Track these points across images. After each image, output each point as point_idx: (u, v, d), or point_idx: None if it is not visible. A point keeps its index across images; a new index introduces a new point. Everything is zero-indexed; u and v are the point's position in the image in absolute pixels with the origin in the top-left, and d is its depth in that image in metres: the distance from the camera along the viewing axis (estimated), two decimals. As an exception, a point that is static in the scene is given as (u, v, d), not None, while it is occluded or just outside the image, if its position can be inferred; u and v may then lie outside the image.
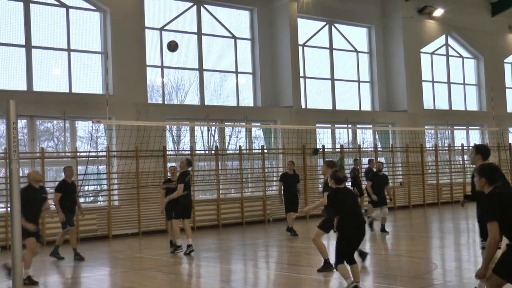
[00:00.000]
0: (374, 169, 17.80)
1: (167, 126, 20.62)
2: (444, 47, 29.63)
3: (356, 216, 9.03)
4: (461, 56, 30.39)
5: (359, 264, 9.88)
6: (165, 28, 21.24)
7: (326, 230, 11.30)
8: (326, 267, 11.02)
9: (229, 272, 12.27)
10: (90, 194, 19.85)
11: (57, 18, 19.04)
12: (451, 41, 29.89)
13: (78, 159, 18.22)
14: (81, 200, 18.51)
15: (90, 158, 17.64)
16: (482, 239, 8.34)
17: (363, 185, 19.48)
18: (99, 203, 19.47)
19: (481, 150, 8.59)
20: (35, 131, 18.35)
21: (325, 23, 25.53)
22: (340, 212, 8.91)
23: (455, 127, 28.72)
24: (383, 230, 16.69)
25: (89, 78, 19.49)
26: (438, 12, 28.00)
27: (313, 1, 23.80)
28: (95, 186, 19.97)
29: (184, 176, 13.75)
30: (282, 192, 17.19)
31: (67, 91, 18.96)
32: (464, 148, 28.28)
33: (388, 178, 17.74)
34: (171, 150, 20.78)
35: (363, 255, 11.68)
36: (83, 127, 19.58)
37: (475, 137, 29.64)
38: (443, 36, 29.37)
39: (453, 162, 28.13)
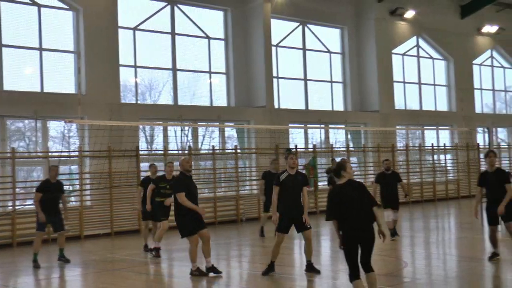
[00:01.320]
0: (382, 168, 15.96)
1: (140, 126, 20.42)
2: (415, 48, 29.83)
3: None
4: (431, 57, 30.61)
5: None
6: (138, 27, 21.04)
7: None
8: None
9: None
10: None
11: (29, 17, 18.75)
12: (422, 43, 30.09)
13: (49, 159, 17.93)
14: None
15: (62, 158, 17.41)
16: None
17: None
18: (71, 203, 19.16)
19: None
20: (6, 131, 18.03)
21: (298, 23, 25.52)
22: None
23: (425, 127, 28.92)
24: (393, 234, 14.87)
25: (62, 78, 19.21)
26: (410, 14, 28.17)
27: (287, 2, 23.78)
28: (67, 186, 19.66)
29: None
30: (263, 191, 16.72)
31: (39, 90, 18.66)
32: (434, 148, 28.50)
33: (399, 176, 15.82)
34: (144, 150, 20.60)
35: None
36: (55, 127, 19.28)
37: (444, 137, 29.89)
38: (414, 38, 29.56)
39: (424, 162, 28.32)
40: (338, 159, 23.09)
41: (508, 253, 12.56)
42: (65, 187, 19.30)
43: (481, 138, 30.71)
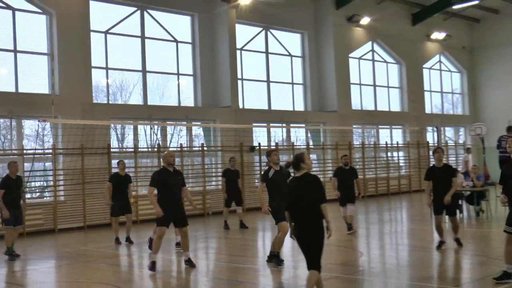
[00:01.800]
0: (341, 164, 15.55)
1: (112, 125, 20.29)
2: (370, 52, 30.15)
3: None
4: (385, 61, 30.98)
5: None
6: (109, 31, 20.89)
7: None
8: None
9: (170, 262, 12.16)
10: (37, 190, 19.37)
11: (3, 20, 18.44)
12: (376, 47, 30.43)
13: (24, 156, 17.72)
14: (28, 196, 18.05)
15: (36, 156, 17.22)
16: None
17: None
18: (45, 198, 18.99)
19: None
20: (-18, 129, 17.76)
21: (261, 28, 25.61)
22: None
23: (380, 127, 29.27)
24: (349, 228, 14.63)
25: (36, 79, 18.94)
26: (365, 20, 28.47)
27: (251, 8, 23.82)
28: (42, 182, 19.47)
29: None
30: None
31: (14, 90, 18.40)
32: (388, 145, 28.87)
33: (356, 172, 15.39)
34: (115, 148, 20.47)
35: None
36: (30, 125, 19.06)
37: (397, 136, 30.31)
38: (369, 43, 29.88)
39: (378, 159, 28.67)
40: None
41: (454, 243, 12.85)
42: (38, 183, 19.36)
43: (430, 137, 31.24)
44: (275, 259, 10.76)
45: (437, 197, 11.57)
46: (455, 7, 31.10)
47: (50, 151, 18.31)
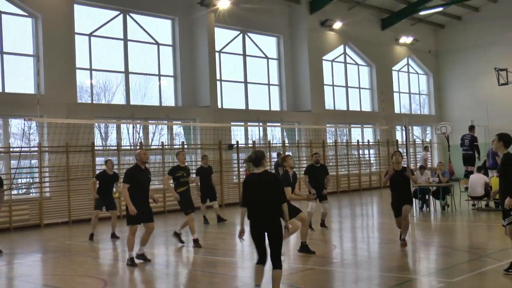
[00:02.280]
0: (312, 162, 15.03)
1: (96, 124, 20.11)
2: (343, 55, 30.29)
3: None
4: (356, 63, 31.15)
5: None
6: (93, 34, 20.70)
7: None
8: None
9: (152, 255, 12.09)
10: (23, 187, 19.14)
11: (-10, 23, 18.19)
12: (348, 51, 30.58)
13: (11, 154, 17.50)
14: (14, 192, 17.85)
15: (22, 153, 17.01)
16: None
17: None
18: (31, 194, 18.77)
19: (503, 138, 8.43)
20: (-31, 128, 17.48)
21: (239, 32, 25.58)
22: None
23: (352, 126, 29.41)
24: (322, 225, 14.43)
25: (22, 79, 18.68)
26: (337, 25, 28.58)
27: (229, 13, 23.78)
28: (28, 179, 19.24)
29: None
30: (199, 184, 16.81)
31: (1, 90, 18.15)
32: (360, 143, 29.03)
33: (327, 170, 14.89)
34: (99, 146, 20.30)
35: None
36: (16, 124, 18.82)
37: (368, 134, 30.51)
38: (342, 46, 30.02)
39: (350, 156, 28.81)
40: (288, 153, 23.34)
41: (421, 235, 12.98)
42: (25, 180, 19.13)
43: (399, 135, 31.48)
44: (305, 249, 10.93)
45: (394, 200, 11.20)
46: (421, 13, 31.45)
47: (36, 149, 18.09)
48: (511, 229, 8.31)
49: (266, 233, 7.19)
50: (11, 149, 17.64)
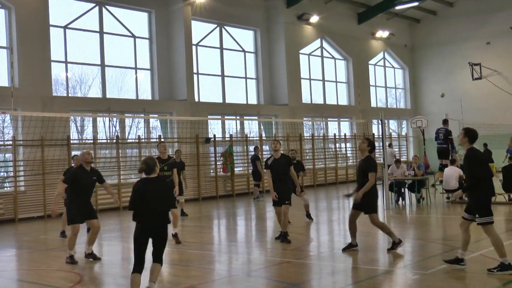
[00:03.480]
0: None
1: (71, 117, 19.91)
2: (319, 49, 30.37)
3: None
4: (333, 57, 31.26)
5: None
6: (68, 26, 20.46)
7: None
8: None
9: (129, 250, 12.01)
10: (-3, 181, 18.89)
11: (-37, 14, 17.88)
12: (325, 44, 30.67)
13: (-16, 147, 17.25)
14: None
15: (-4, 147, 16.77)
16: None
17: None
18: (5, 188, 18.53)
19: (469, 133, 8.45)
20: None
21: (216, 25, 25.49)
22: None
23: (329, 119, 29.53)
24: (308, 216, 14.86)
25: (-5, 72, 18.44)
26: (314, 19, 28.65)
27: (206, 6, 23.69)
28: (2, 173, 18.98)
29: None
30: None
31: (-27, 83, 17.89)
32: (336, 137, 29.18)
33: (303, 165, 15.71)
34: (75, 139, 20.11)
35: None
36: (-11, 117, 18.54)
37: (345, 128, 30.67)
38: (319, 40, 30.10)
39: (327, 150, 28.94)
40: (251, 147, 23.27)
41: (397, 228, 13.10)
42: (0, 174, 18.87)
43: (375, 129, 31.72)
44: (282, 237, 11.40)
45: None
46: (397, 7, 31.69)
47: (10, 142, 17.86)
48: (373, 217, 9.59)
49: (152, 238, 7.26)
50: (-16, 143, 17.40)
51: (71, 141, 19.21)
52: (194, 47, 23.99)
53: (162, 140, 13.45)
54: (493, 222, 8.25)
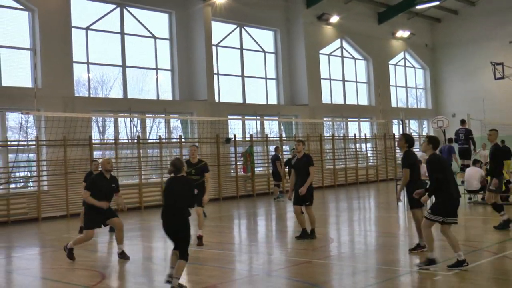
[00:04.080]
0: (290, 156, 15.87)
1: (93, 118, 20.06)
2: (339, 49, 30.25)
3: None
4: (353, 57, 31.11)
5: None
6: (90, 27, 20.62)
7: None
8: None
9: (150, 249, 12.10)
10: (21, 180, 19.07)
11: (-13, 16, 18.12)
12: (345, 45, 30.54)
13: (8, 147, 17.47)
14: (12, 185, 17.80)
15: (20, 147, 16.97)
16: None
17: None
18: (29, 188, 18.73)
19: (432, 141, 8.84)
20: (-33, 122, 17.44)
21: (236, 26, 25.51)
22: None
23: (349, 119, 29.40)
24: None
25: (19, 73, 18.63)
26: (334, 19, 28.54)
27: (226, 6, 23.73)
28: (25, 173, 19.19)
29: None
30: None
31: (-3, 84, 18.12)
32: (356, 137, 29.04)
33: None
34: (97, 140, 20.26)
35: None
36: (14, 118, 18.77)
37: (365, 128, 30.51)
38: (338, 40, 29.98)
39: (347, 150, 28.81)
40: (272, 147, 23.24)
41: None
42: (22, 174, 19.08)
43: (396, 129, 31.50)
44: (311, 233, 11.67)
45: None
46: (418, 7, 31.44)
47: (34, 142, 18.05)
48: (415, 212, 9.49)
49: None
50: (8, 143, 17.63)
51: (93, 141, 19.36)
52: (214, 48, 24.04)
53: (196, 144, 13.11)
54: (452, 223, 8.59)
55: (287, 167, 15.29)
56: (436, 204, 8.64)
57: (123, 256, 10.58)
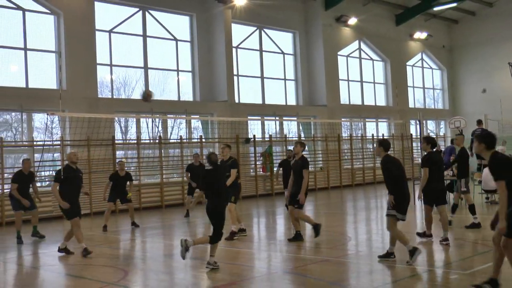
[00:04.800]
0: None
1: (116, 118, 20.24)
2: (357, 51, 30.14)
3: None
4: (371, 59, 30.98)
5: None
6: (113, 30, 20.80)
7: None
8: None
9: (171, 247, 12.17)
10: (46, 179, 19.29)
11: (15, 20, 18.37)
12: (363, 46, 30.42)
13: (34, 147, 17.69)
14: (38, 184, 17.98)
15: (45, 147, 17.15)
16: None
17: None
18: (54, 187, 18.90)
19: (383, 144, 9.35)
20: (-6, 122, 17.70)
21: (255, 28, 25.55)
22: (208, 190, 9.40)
23: (366, 120, 29.29)
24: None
25: (44, 75, 18.86)
26: (352, 21, 28.45)
27: (245, 9, 23.77)
28: (50, 172, 19.40)
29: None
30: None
31: (24, 86, 18.33)
32: (374, 137, 28.91)
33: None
34: (119, 140, 20.42)
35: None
36: (39, 119, 19.00)
37: (383, 128, 30.35)
38: (357, 42, 29.87)
39: (365, 150, 28.70)
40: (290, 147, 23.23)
41: (436, 228, 12.89)
42: (48, 173, 19.30)
43: (413, 129, 31.27)
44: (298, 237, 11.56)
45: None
46: (435, 9, 31.21)
47: (58, 142, 18.21)
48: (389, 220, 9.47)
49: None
50: (34, 143, 17.83)
51: (116, 141, 19.51)
52: (234, 50, 24.10)
53: (227, 144, 13.25)
54: (400, 220, 9.28)
55: (281, 168, 15.17)
56: (394, 200, 9.31)
57: (66, 251, 11.23)
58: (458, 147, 13.77)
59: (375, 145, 10.13)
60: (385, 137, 29.42)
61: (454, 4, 30.88)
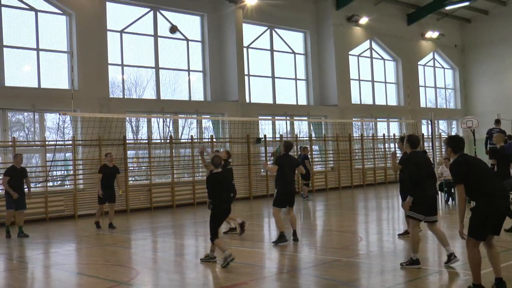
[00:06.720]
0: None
1: (127, 118, 20.30)
2: (369, 50, 30.03)
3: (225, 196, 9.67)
4: (382, 58, 30.86)
5: None
6: (125, 30, 20.86)
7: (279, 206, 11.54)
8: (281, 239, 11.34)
9: (182, 246, 12.19)
10: (58, 179, 19.41)
11: (27, 21, 18.48)
12: (374, 45, 30.31)
13: (46, 147, 17.78)
14: (50, 184, 18.12)
15: (57, 147, 17.24)
16: None
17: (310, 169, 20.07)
18: (66, 186, 19.04)
19: (407, 140, 9.54)
20: (7, 122, 17.79)
21: (266, 28, 25.53)
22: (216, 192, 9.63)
23: (378, 119, 29.19)
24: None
25: (56, 75, 18.97)
26: (363, 20, 28.35)
27: (256, 9, 23.76)
28: (62, 171, 19.52)
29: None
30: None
31: (37, 86, 18.44)
32: (385, 137, 28.81)
33: (298, 162, 15.68)
34: (131, 139, 20.49)
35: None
36: (51, 118, 19.09)
37: (394, 128, 30.23)
38: (368, 41, 29.77)
39: (376, 150, 28.60)
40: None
41: (447, 228, 12.82)
42: (60, 172, 19.41)
43: (425, 129, 31.08)
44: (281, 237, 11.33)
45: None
46: (447, 8, 31.01)
47: (70, 142, 18.33)
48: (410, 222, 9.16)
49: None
50: (46, 143, 17.93)
51: (127, 141, 19.57)
52: (245, 49, 24.10)
53: (227, 150, 13.92)
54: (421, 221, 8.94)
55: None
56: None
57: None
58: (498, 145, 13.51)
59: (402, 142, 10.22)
60: (396, 137, 29.32)
61: (467, 3, 30.66)
